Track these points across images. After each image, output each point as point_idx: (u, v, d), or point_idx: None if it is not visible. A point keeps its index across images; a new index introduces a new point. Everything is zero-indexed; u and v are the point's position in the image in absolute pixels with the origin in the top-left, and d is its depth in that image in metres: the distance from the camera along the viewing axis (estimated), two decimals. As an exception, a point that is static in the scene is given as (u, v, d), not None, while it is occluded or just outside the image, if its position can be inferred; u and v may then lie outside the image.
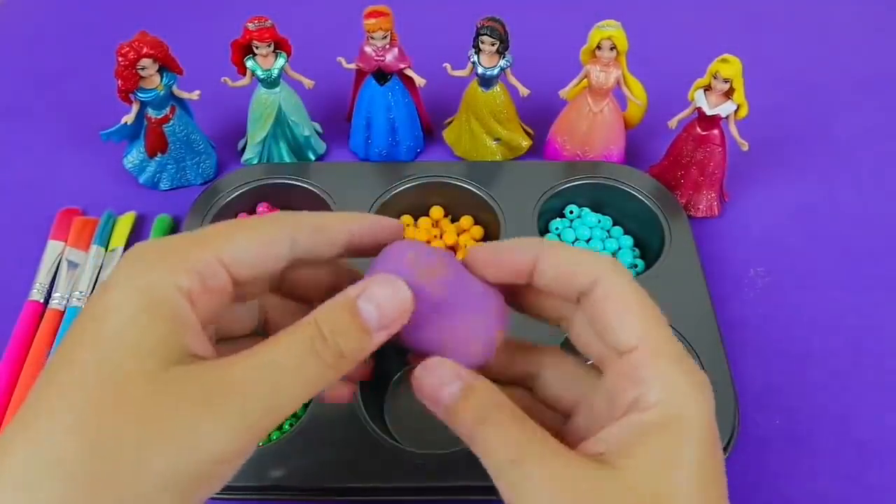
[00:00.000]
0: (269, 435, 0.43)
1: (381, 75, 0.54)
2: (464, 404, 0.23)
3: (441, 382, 0.24)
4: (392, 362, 0.46)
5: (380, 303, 0.23)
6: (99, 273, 0.50)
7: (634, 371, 0.23)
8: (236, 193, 0.52)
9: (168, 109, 0.53)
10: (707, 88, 0.50)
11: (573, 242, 0.52)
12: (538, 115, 0.60)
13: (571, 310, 0.26)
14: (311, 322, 0.22)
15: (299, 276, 0.28)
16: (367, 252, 0.27)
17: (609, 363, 0.25)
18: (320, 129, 0.61)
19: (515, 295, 0.28)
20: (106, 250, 0.52)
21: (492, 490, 0.23)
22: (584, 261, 0.25)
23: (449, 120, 0.60)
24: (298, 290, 0.29)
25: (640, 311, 0.24)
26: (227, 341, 0.27)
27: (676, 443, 0.22)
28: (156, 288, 0.21)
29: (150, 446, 0.19)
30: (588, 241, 0.52)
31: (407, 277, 0.24)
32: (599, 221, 0.53)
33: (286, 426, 0.43)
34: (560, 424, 0.27)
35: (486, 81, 0.54)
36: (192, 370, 0.20)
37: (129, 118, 0.52)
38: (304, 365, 0.22)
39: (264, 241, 0.24)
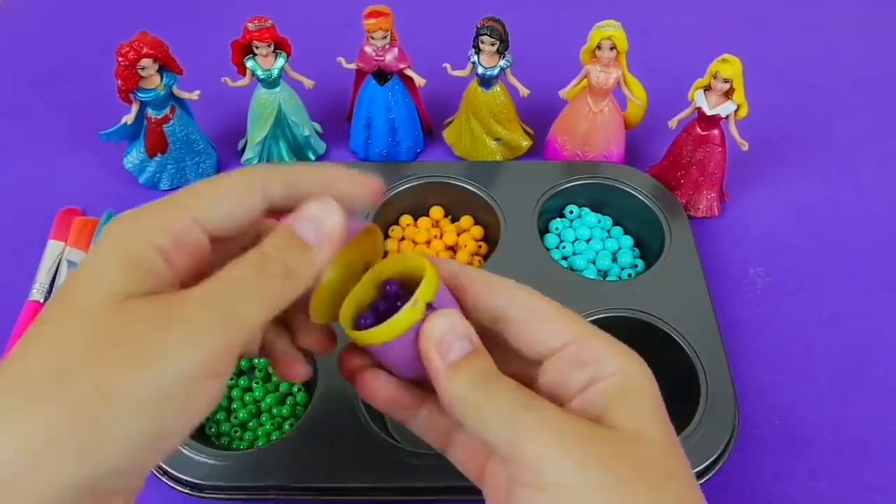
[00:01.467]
0: (269, 435, 0.43)
1: (381, 75, 0.54)
2: (468, 363, 0.25)
3: (453, 336, 0.25)
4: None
5: (313, 221, 0.25)
6: (99, 273, 0.50)
7: (580, 354, 0.25)
8: (236, 193, 0.52)
9: (168, 109, 0.53)
10: (707, 88, 0.50)
11: (573, 243, 0.52)
12: (538, 115, 0.60)
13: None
14: (258, 246, 0.24)
15: None
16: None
17: (542, 372, 0.26)
18: (320, 129, 0.61)
19: None
20: (106, 250, 0.52)
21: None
22: (497, 284, 0.27)
23: (449, 120, 0.60)
24: None
25: (564, 316, 0.26)
26: None
27: (640, 401, 0.24)
28: (130, 242, 0.23)
29: (115, 368, 0.20)
30: (588, 241, 0.52)
31: None
32: (599, 221, 0.53)
33: (286, 426, 0.43)
34: None
35: (486, 81, 0.54)
36: (152, 298, 0.22)
37: (129, 118, 0.52)
38: (255, 279, 0.23)
39: (234, 193, 0.25)
